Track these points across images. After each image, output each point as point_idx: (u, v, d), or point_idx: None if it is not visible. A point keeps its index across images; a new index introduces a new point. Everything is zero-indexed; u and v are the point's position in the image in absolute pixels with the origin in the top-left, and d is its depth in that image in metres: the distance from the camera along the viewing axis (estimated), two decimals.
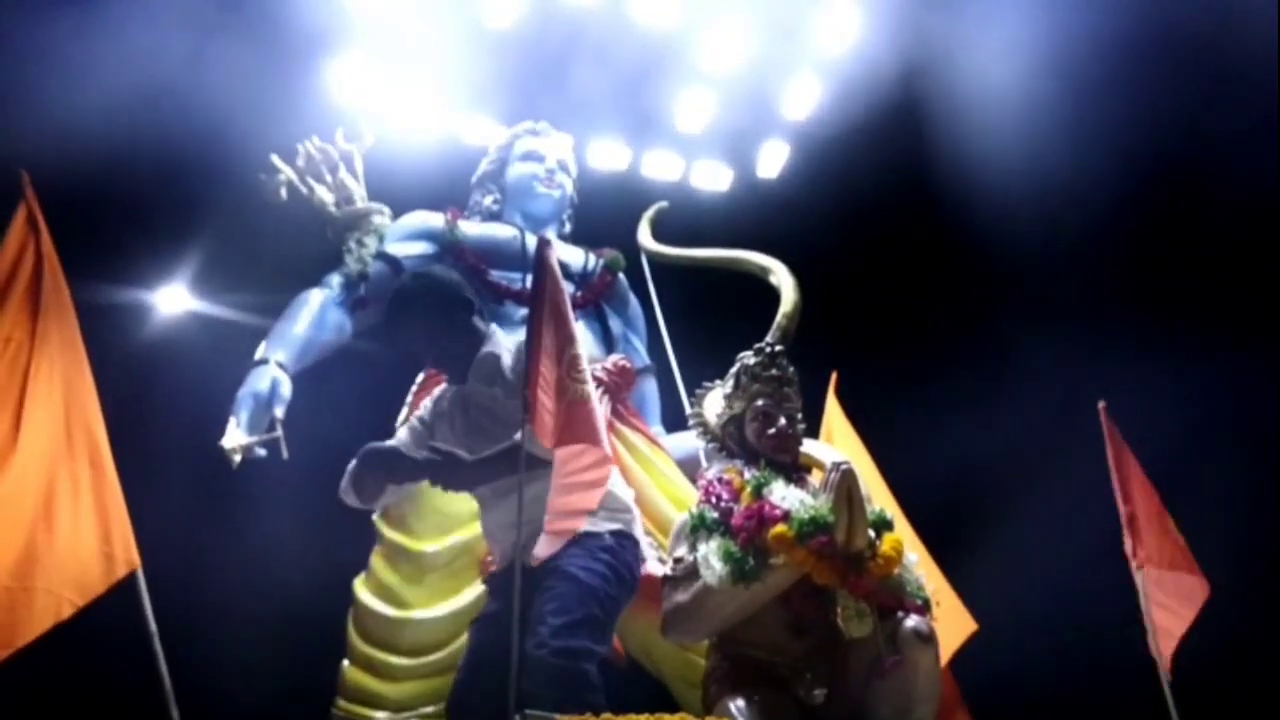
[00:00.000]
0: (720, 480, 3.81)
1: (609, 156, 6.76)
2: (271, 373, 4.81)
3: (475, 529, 4.54)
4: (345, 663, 4.56)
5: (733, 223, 6.84)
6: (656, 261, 5.98)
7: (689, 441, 5.35)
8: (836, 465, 3.61)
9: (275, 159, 5.68)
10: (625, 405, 5.08)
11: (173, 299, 7.13)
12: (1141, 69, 6.46)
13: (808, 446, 4.14)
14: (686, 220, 6.42)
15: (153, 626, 4.41)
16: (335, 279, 5.35)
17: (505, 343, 3.80)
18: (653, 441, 5.10)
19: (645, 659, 4.76)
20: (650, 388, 5.66)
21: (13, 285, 4.48)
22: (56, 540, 4.26)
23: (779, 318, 5.36)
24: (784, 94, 6.79)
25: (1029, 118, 6.59)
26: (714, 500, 3.73)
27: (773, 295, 5.37)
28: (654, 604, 4.13)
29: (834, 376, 5.90)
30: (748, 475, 3.79)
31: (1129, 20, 6.38)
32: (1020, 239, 6.92)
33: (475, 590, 4.50)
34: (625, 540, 3.66)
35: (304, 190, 5.68)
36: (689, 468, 5.27)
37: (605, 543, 3.60)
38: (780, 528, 3.51)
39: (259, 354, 4.94)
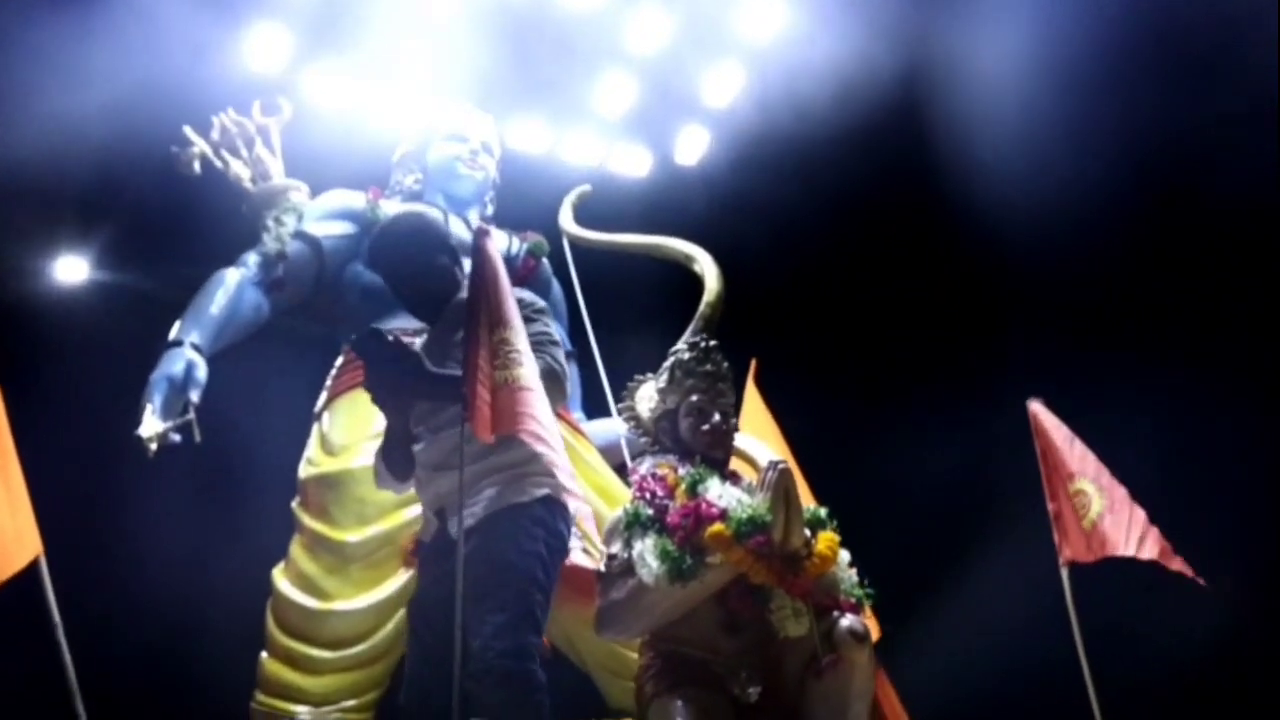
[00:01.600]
0: (654, 476, 3.78)
1: (529, 138, 6.68)
2: (186, 355, 4.63)
3: (398, 518, 4.50)
4: (264, 655, 4.45)
5: (652, 208, 6.83)
6: (578, 246, 5.94)
7: (609, 428, 5.36)
8: (774, 464, 3.60)
9: (189, 131, 5.52)
10: None
11: (73, 270, 6.92)
12: (1114, 48, 6.47)
13: (738, 441, 4.15)
14: (605, 204, 6.37)
15: (56, 618, 4.27)
16: (252, 258, 5.17)
17: None
18: (575, 429, 5.08)
19: (569, 650, 4.74)
20: (571, 374, 5.61)
21: None
22: None
23: (702, 306, 5.35)
24: (706, 80, 6.77)
25: (962, 104, 6.62)
26: (648, 496, 3.70)
27: (696, 282, 5.37)
28: (578, 594, 4.13)
29: (753, 364, 5.89)
30: (682, 471, 3.77)
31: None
32: (955, 223, 6.96)
33: (398, 581, 4.44)
34: (554, 506, 3.60)
35: (219, 164, 5.53)
36: (609, 455, 5.27)
37: (535, 513, 3.55)
38: (718, 526, 3.50)
39: (173, 335, 4.76)
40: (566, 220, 6.00)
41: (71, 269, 6.91)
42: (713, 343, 4.11)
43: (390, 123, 6.26)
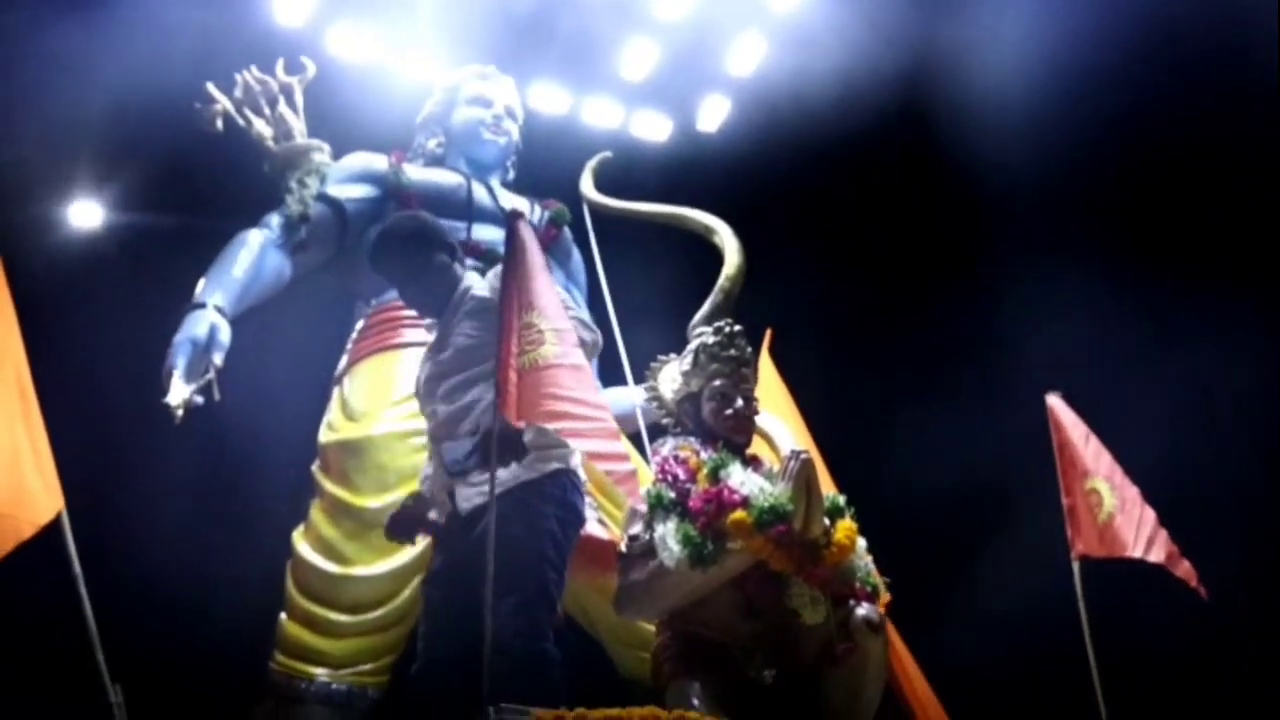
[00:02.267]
0: (676, 458, 3.83)
1: (550, 100, 6.66)
2: (210, 318, 4.64)
3: (418, 485, 4.54)
4: (283, 616, 4.52)
5: (671, 173, 6.83)
6: (598, 212, 5.94)
7: (625, 397, 5.39)
8: (796, 454, 3.65)
9: (211, 88, 5.51)
10: None
11: (88, 215, 6.90)
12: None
13: (764, 424, 4.21)
14: (625, 169, 6.37)
15: (77, 569, 4.32)
16: (275, 220, 5.20)
17: (478, 280, 3.89)
18: None
19: (582, 618, 4.81)
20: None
21: None
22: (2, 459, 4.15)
23: (721, 279, 5.33)
24: (729, 48, 6.75)
25: (988, 83, 6.59)
26: (670, 479, 3.75)
27: (717, 251, 5.39)
28: (593, 564, 4.18)
29: (768, 334, 5.91)
30: (704, 455, 3.82)
31: None
32: (973, 194, 6.95)
33: (415, 547, 4.44)
34: (565, 477, 3.63)
35: (241, 122, 5.53)
36: (624, 424, 5.31)
37: (546, 490, 3.58)
38: (739, 514, 3.55)
39: (196, 297, 4.78)
40: (587, 187, 5.99)
41: (87, 214, 6.90)
42: (737, 327, 4.15)
43: (413, 82, 6.25)
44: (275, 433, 5.55)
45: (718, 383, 3.99)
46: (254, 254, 5.02)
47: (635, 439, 5.09)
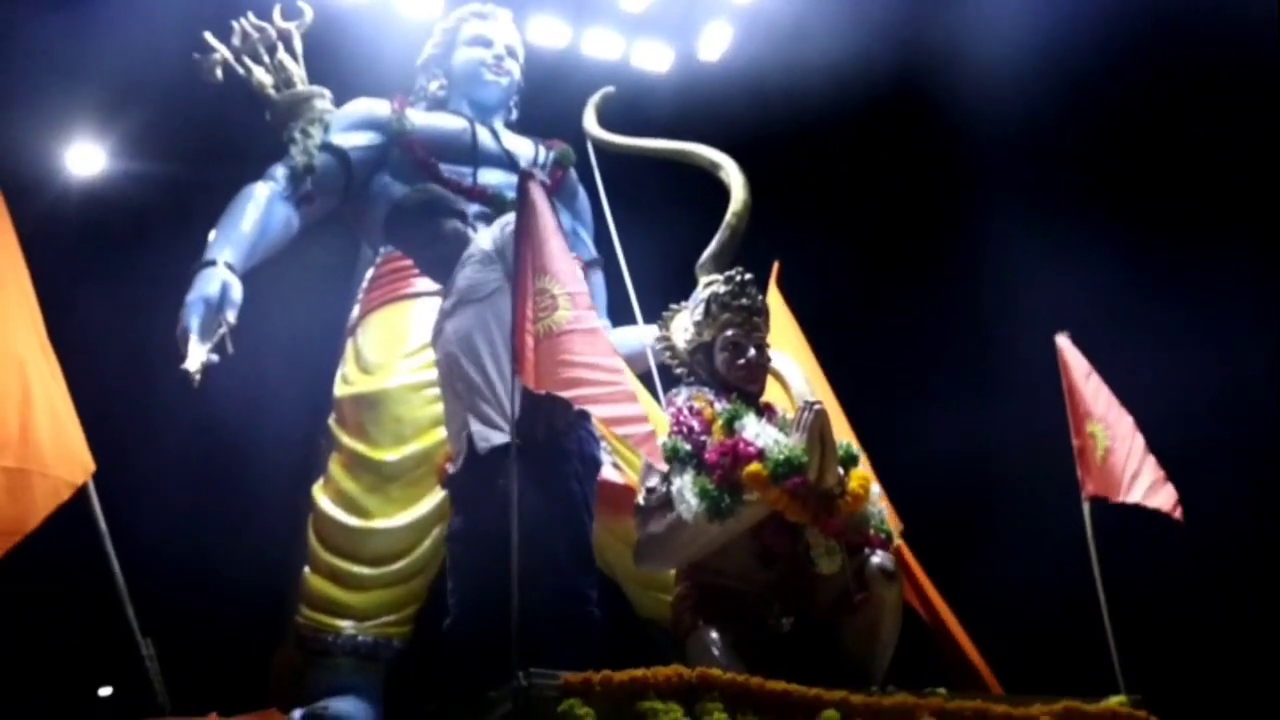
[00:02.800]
0: (691, 409, 3.87)
1: (549, 33, 6.59)
2: (221, 276, 4.68)
3: (434, 436, 4.58)
4: (306, 570, 4.57)
5: (673, 103, 6.78)
6: (602, 149, 5.91)
7: (636, 336, 5.41)
8: (809, 404, 3.69)
9: (209, 37, 5.46)
10: None
11: (89, 160, 6.88)
12: None
13: (777, 364, 4.25)
14: (627, 100, 6.32)
15: (103, 527, 4.40)
16: (280, 172, 5.20)
17: (483, 234, 4.04)
18: None
19: (599, 560, 4.82)
20: (598, 281, 5.66)
21: None
22: (38, 419, 4.21)
23: (728, 216, 5.33)
24: None
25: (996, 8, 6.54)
26: (686, 431, 3.79)
27: (723, 186, 5.38)
28: (607, 507, 4.22)
29: (775, 266, 5.88)
30: (718, 406, 3.86)
31: None
32: (985, 128, 6.89)
33: (435, 498, 4.52)
34: (582, 429, 3.69)
35: (241, 71, 5.49)
36: (634, 363, 5.33)
37: (564, 447, 3.62)
38: (755, 466, 3.60)
39: (206, 255, 4.79)
40: (590, 124, 5.95)
41: (87, 159, 6.88)
42: (748, 276, 4.16)
43: (412, 20, 6.18)
44: (287, 382, 5.59)
45: (730, 332, 4.01)
46: (261, 208, 5.03)
47: (646, 378, 5.14)
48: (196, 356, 4.35)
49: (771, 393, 4.30)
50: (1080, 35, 6.63)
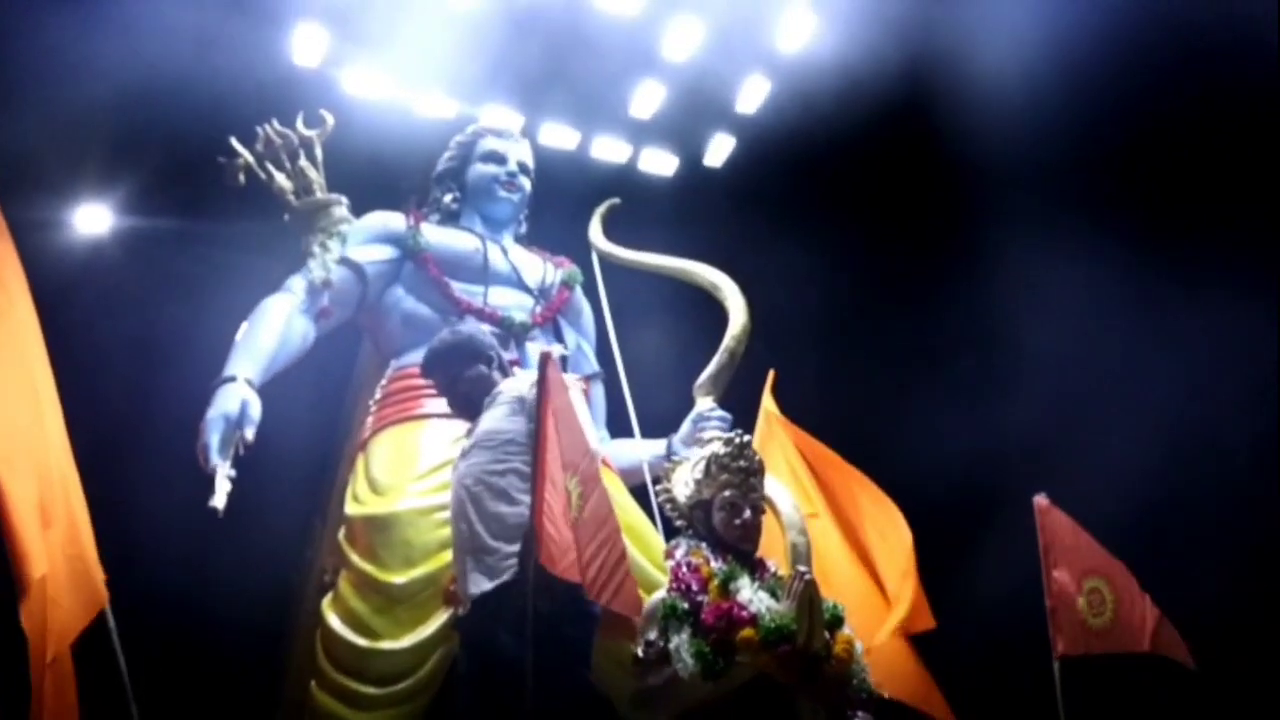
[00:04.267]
0: (689, 566, 4.11)
1: (558, 136, 6.84)
2: (240, 393, 4.83)
3: (442, 559, 4.76)
4: (313, 684, 4.73)
5: (676, 208, 7.02)
6: (606, 260, 6.11)
7: (630, 452, 5.63)
8: (799, 574, 3.94)
9: (235, 143, 5.66)
10: None
11: (97, 219, 7.05)
12: None
13: (768, 489, 4.51)
14: (630, 203, 6.53)
15: (122, 662, 4.50)
16: (298, 284, 5.38)
17: (510, 384, 4.44)
18: (606, 467, 5.34)
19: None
20: (597, 394, 5.89)
21: None
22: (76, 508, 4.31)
23: (726, 339, 5.59)
24: (734, 87, 6.91)
25: (981, 102, 6.76)
26: (684, 588, 4.04)
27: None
28: (604, 629, 4.47)
29: (770, 375, 6.05)
30: (714, 565, 4.11)
31: None
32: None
33: (439, 620, 4.69)
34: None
35: (263, 176, 5.69)
36: (630, 477, 5.55)
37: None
38: (748, 631, 3.86)
39: (226, 370, 4.95)
40: (595, 235, 6.17)
41: (94, 219, 7.04)
42: (746, 438, 4.39)
43: (427, 119, 6.43)
44: (285, 445, 5.67)
45: (727, 493, 4.25)
46: (280, 322, 5.20)
47: (640, 491, 5.36)
48: (222, 491, 4.52)
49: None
50: (1088, 42, 6.74)
